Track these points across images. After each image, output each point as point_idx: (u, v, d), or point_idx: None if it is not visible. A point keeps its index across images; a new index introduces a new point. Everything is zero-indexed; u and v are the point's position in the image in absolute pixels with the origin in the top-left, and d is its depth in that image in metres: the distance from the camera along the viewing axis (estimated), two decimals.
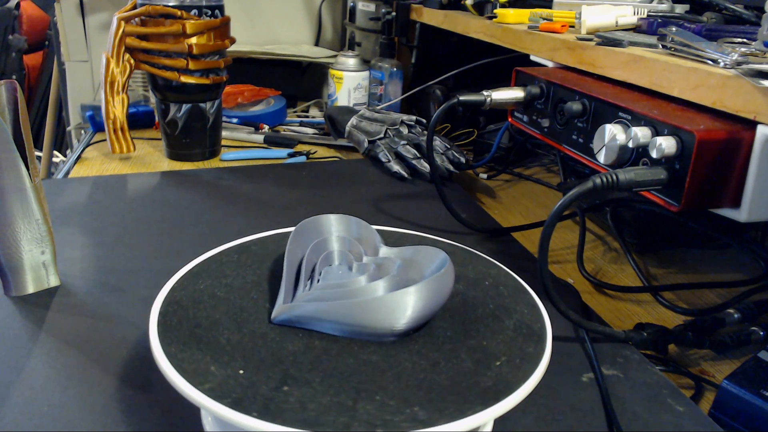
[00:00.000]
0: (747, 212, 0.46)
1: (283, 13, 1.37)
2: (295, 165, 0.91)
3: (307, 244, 0.45)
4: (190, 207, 0.73)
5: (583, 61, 0.63)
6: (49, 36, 2.45)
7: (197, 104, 0.90)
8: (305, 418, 0.31)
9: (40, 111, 2.38)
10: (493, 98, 0.67)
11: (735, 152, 0.45)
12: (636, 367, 0.48)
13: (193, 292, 0.41)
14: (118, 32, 0.84)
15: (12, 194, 0.50)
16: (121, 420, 0.39)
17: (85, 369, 0.44)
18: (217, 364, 0.34)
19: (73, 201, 0.73)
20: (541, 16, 0.77)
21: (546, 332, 0.39)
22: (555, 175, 1.03)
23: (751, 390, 0.43)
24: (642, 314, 0.63)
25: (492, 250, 0.66)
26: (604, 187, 0.45)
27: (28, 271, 0.53)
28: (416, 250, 0.45)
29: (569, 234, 0.81)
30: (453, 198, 0.79)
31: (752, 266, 0.74)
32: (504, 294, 0.43)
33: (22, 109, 0.51)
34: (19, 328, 0.48)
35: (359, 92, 1.13)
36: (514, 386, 0.33)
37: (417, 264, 0.43)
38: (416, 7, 1.11)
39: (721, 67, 0.48)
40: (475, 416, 0.31)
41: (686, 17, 0.65)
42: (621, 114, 0.53)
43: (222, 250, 0.47)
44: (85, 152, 0.96)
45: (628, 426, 0.41)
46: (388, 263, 0.43)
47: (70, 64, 1.24)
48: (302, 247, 0.44)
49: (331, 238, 0.46)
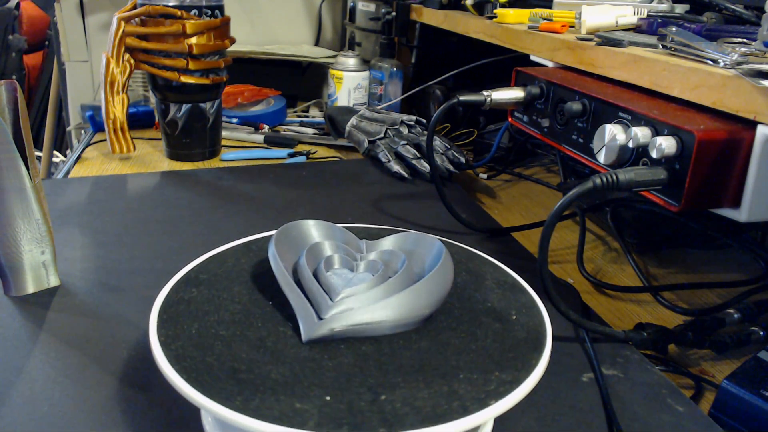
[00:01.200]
0: (747, 212, 0.46)
1: (283, 13, 1.37)
2: (295, 165, 0.91)
3: (294, 249, 0.44)
4: (190, 207, 0.73)
5: (583, 61, 0.63)
6: (49, 36, 2.45)
7: (197, 104, 0.90)
8: (306, 417, 0.31)
9: (40, 111, 2.38)
10: (493, 98, 0.67)
11: (735, 152, 0.45)
12: (636, 367, 0.48)
13: (193, 292, 0.41)
14: (118, 32, 0.84)
15: (12, 194, 0.50)
16: (121, 420, 0.39)
17: (85, 369, 0.44)
18: (217, 363, 0.34)
19: (73, 201, 0.73)
20: (541, 16, 0.77)
21: (546, 332, 0.39)
22: (555, 175, 1.03)
23: (751, 390, 0.43)
24: (642, 314, 0.63)
25: (492, 250, 0.66)
26: (604, 187, 0.45)
27: (28, 271, 0.53)
28: (404, 239, 0.46)
29: (569, 234, 0.81)
30: (453, 198, 0.79)
31: (752, 266, 0.74)
32: (504, 294, 0.43)
33: (22, 109, 0.51)
34: (19, 328, 0.48)
35: (359, 92, 1.13)
36: (513, 386, 0.33)
37: (417, 254, 0.44)
38: (416, 7, 1.11)
39: (721, 67, 0.48)
40: (475, 415, 0.31)
41: (686, 17, 0.65)
42: (621, 114, 0.53)
43: (222, 251, 0.47)
44: (85, 152, 0.96)
45: (628, 426, 0.41)
46: (393, 258, 0.43)
47: (70, 64, 1.24)
48: (291, 252, 0.44)
49: (323, 242, 0.45)
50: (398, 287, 0.39)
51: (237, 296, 0.41)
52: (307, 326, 0.37)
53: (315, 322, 0.37)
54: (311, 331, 0.37)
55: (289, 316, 0.39)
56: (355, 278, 0.42)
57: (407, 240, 0.46)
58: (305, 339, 0.37)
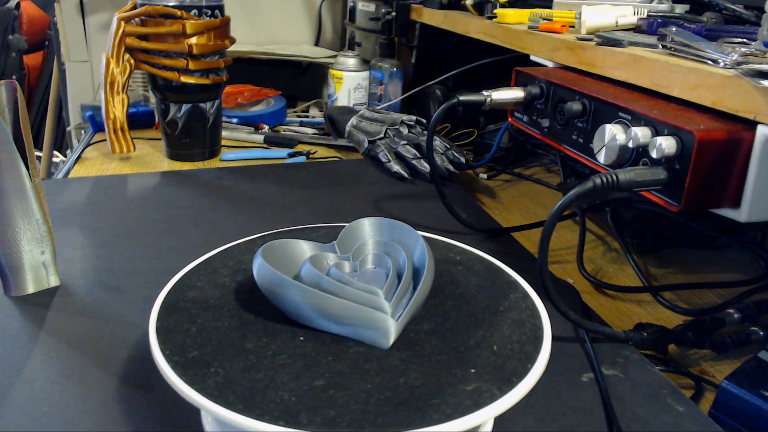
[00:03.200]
0: (747, 212, 0.46)
1: (283, 13, 1.37)
2: (295, 165, 0.91)
3: (284, 267, 0.43)
4: (190, 207, 0.73)
5: (583, 61, 0.63)
6: (49, 36, 2.45)
7: (197, 104, 0.90)
8: (306, 417, 0.31)
9: (40, 111, 2.38)
10: (493, 98, 0.67)
11: (735, 152, 0.45)
12: (636, 367, 0.48)
13: (193, 292, 0.41)
14: (118, 32, 0.84)
15: (12, 194, 0.50)
16: (121, 420, 0.39)
17: (85, 369, 0.44)
18: (217, 363, 0.34)
19: (73, 201, 0.73)
20: (541, 16, 0.77)
21: (546, 332, 0.39)
22: (555, 175, 1.03)
23: (751, 390, 0.43)
24: (642, 314, 0.63)
25: (492, 250, 0.66)
26: (604, 187, 0.45)
27: (28, 271, 0.53)
28: (377, 228, 0.46)
29: (569, 234, 0.80)
30: (453, 198, 0.79)
31: (752, 266, 0.74)
32: (503, 293, 0.43)
33: (22, 109, 0.51)
34: (19, 328, 0.48)
35: (359, 92, 1.13)
36: (513, 386, 0.33)
37: (402, 244, 0.45)
38: (416, 7, 1.11)
39: (721, 67, 0.48)
40: (475, 415, 0.31)
41: (686, 17, 0.65)
42: (621, 114, 0.53)
43: (222, 250, 0.47)
44: (85, 152, 0.96)
45: (628, 426, 0.41)
46: (392, 250, 0.44)
47: (70, 64, 1.24)
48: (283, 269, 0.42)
49: (317, 254, 0.44)
50: (412, 279, 0.41)
51: (237, 296, 0.41)
52: (384, 330, 0.37)
53: (391, 323, 0.37)
54: (390, 334, 0.37)
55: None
56: (373, 275, 0.42)
57: (381, 229, 0.47)
58: (391, 343, 0.37)
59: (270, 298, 0.39)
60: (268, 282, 0.38)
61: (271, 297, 0.38)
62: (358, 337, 0.37)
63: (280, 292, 0.38)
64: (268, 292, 0.38)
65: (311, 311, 0.37)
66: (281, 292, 0.38)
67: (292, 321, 0.39)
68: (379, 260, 0.43)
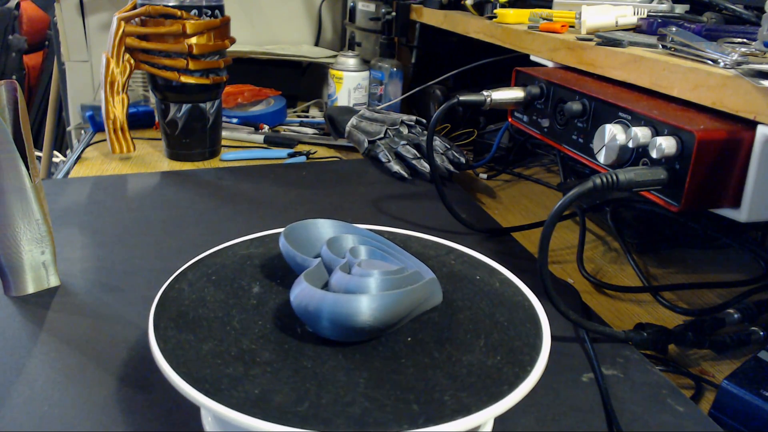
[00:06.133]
0: (747, 212, 0.46)
1: (283, 13, 1.37)
2: (295, 165, 0.91)
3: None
4: (190, 207, 0.73)
5: (583, 61, 0.63)
6: (49, 36, 2.45)
7: (197, 104, 0.90)
8: (306, 416, 0.31)
9: (40, 111, 2.38)
10: (493, 98, 0.67)
11: (735, 152, 0.45)
12: (636, 367, 0.48)
13: (193, 292, 0.41)
14: (118, 32, 0.84)
15: (12, 194, 0.50)
16: (121, 420, 0.39)
17: (85, 369, 0.44)
18: (216, 363, 0.34)
19: (73, 201, 0.73)
20: (541, 16, 0.77)
21: (545, 332, 0.39)
22: (555, 175, 1.03)
23: (751, 390, 0.43)
24: (642, 314, 0.63)
25: (492, 250, 0.66)
26: (604, 187, 0.45)
27: (28, 271, 0.53)
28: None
29: (569, 234, 0.80)
30: (453, 198, 0.79)
31: (752, 266, 0.74)
32: (503, 293, 0.43)
33: (22, 109, 0.51)
34: (19, 328, 0.48)
35: (359, 92, 1.13)
36: (513, 386, 0.33)
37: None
38: (416, 7, 1.11)
39: (721, 67, 0.48)
40: (475, 415, 0.31)
41: (686, 17, 0.65)
42: (621, 114, 0.53)
43: (222, 249, 0.47)
44: (85, 152, 0.96)
45: (628, 426, 0.41)
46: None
47: (70, 64, 1.24)
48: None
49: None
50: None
51: (237, 295, 0.41)
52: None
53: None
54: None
55: (289, 315, 0.39)
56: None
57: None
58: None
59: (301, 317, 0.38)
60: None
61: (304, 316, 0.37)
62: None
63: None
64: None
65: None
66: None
67: (290, 321, 0.39)
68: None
